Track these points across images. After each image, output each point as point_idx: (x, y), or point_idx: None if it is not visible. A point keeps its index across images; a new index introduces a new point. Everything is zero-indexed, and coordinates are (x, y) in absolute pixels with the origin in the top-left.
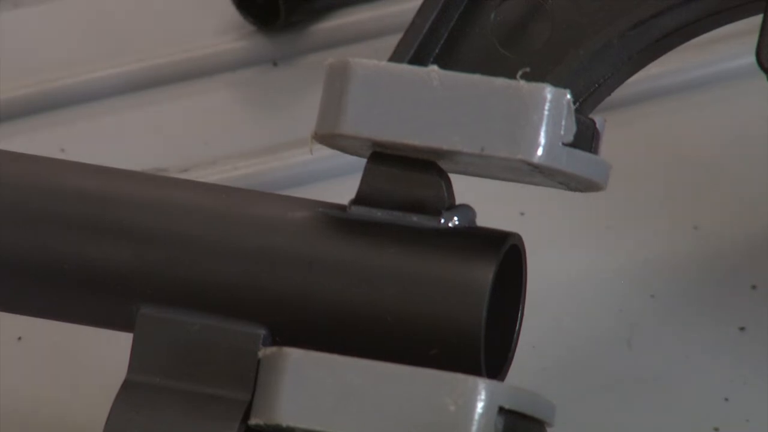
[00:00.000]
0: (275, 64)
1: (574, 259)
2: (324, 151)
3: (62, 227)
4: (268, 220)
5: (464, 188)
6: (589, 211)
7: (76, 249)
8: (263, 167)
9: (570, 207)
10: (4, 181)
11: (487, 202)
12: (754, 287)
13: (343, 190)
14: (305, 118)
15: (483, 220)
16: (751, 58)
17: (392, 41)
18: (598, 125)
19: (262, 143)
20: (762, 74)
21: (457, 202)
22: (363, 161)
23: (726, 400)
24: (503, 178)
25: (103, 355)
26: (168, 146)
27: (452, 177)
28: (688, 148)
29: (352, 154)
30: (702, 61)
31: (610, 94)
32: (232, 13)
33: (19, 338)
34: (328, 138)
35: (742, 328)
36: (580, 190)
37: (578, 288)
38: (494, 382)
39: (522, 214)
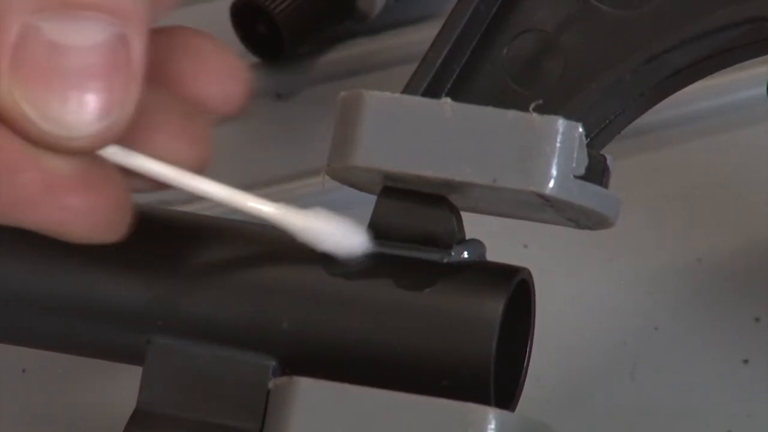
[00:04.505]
0: (279, 96)
1: (577, 292)
2: (331, 184)
3: (72, 259)
4: (278, 254)
5: (469, 219)
6: (592, 243)
7: (86, 280)
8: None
9: (573, 239)
10: None
11: (491, 234)
12: (757, 320)
13: None
14: (309, 151)
15: (487, 253)
16: (756, 90)
17: (396, 73)
18: (608, 162)
19: (266, 176)
20: (767, 106)
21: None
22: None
23: None
24: (513, 215)
25: (109, 387)
26: None
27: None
28: (691, 180)
29: (363, 190)
30: (706, 93)
31: (620, 131)
32: (236, 45)
33: (24, 370)
34: (341, 171)
35: (745, 361)
36: (589, 228)
37: (582, 320)
38: (505, 412)
39: (525, 246)
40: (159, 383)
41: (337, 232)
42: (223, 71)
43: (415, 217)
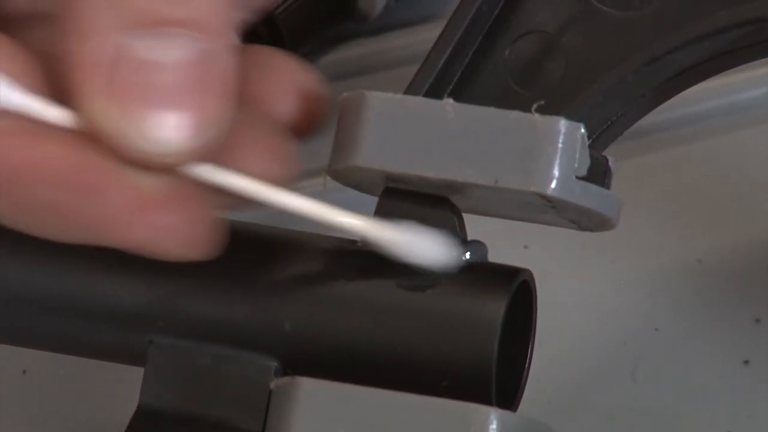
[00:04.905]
0: None
1: (578, 293)
2: (332, 185)
3: (73, 259)
4: (280, 254)
5: (470, 220)
6: (593, 244)
7: (87, 281)
8: None
9: (574, 240)
10: None
11: (492, 235)
12: (758, 321)
13: None
14: (310, 152)
15: (489, 254)
16: (758, 91)
17: (398, 74)
18: (610, 163)
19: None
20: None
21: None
22: (372, 195)
23: None
24: (514, 216)
25: (110, 388)
26: None
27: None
28: (692, 181)
29: (364, 191)
30: (708, 94)
31: (622, 133)
32: None
33: (24, 371)
34: (342, 172)
35: (746, 362)
36: (591, 229)
37: (583, 321)
38: (506, 413)
39: (526, 247)
40: (160, 384)
41: (428, 246)
42: (304, 91)
43: (416, 218)
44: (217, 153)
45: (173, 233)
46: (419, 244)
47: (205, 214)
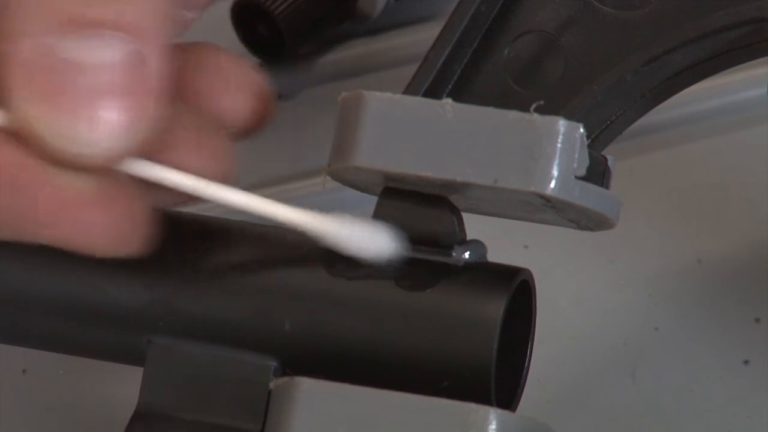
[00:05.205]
0: (279, 96)
1: (577, 292)
2: (331, 184)
3: (73, 259)
4: (280, 254)
5: (470, 219)
6: (592, 244)
7: (86, 281)
8: None
9: (573, 240)
10: None
11: (491, 235)
12: (757, 320)
13: None
14: (310, 151)
15: (488, 253)
16: (757, 91)
17: (397, 74)
18: (609, 163)
19: (266, 176)
20: (766, 106)
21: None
22: (371, 195)
23: None
24: (513, 216)
25: (110, 388)
26: None
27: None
28: (691, 180)
29: (363, 191)
30: (707, 94)
31: (621, 132)
32: (236, 45)
33: (24, 371)
34: (341, 171)
35: (746, 362)
36: (590, 229)
37: (582, 321)
38: (506, 413)
39: (526, 247)
40: (160, 384)
41: (367, 237)
42: (244, 87)
43: (415, 218)
44: (155, 151)
45: (100, 230)
46: (359, 237)
47: (135, 212)
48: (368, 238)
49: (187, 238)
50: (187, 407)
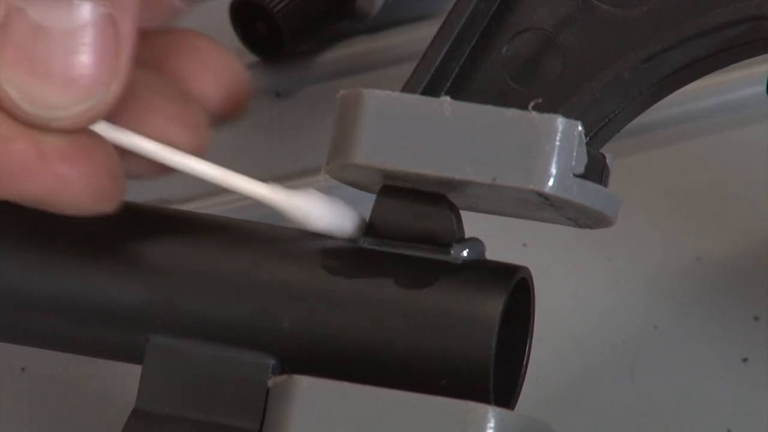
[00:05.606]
0: (278, 95)
1: (576, 291)
2: (330, 182)
3: (72, 258)
4: (278, 252)
5: (468, 217)
6: (591, 242)
7: (86, 279)
8: None
9: (572, 238)
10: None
11: (490, 233)
12: (756, 318)
13: None
14: (309, 149)
15: (487, 251)
16: (756, 88)
17: (396, 72)
18: (608, 161)
19: (265, 174)
20: (766, 104)
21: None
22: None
23: (729, 431)
24: (512, 214)
25: (109, 386)
26: (171, 177)
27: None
28: (690, 178)
29: (362, 188)
30: (705, 91)
31: (619, 130)
32: (235, 43)
33: (23, 369)
34: (339, 169)
35: (745, 360)
36: (589, 227)
37: (581, 319)
38: (504, 411)
39: (524, 245)
40: (158, 382)
41: (329, 212)
42: (223, 73)
43: (414, 216)
44: (125, 116)
45: (75, 184)
46: (319, 211)
47: (112, 167)
48: (329, 214)
49: (185, 237)
50: (185, 405)
